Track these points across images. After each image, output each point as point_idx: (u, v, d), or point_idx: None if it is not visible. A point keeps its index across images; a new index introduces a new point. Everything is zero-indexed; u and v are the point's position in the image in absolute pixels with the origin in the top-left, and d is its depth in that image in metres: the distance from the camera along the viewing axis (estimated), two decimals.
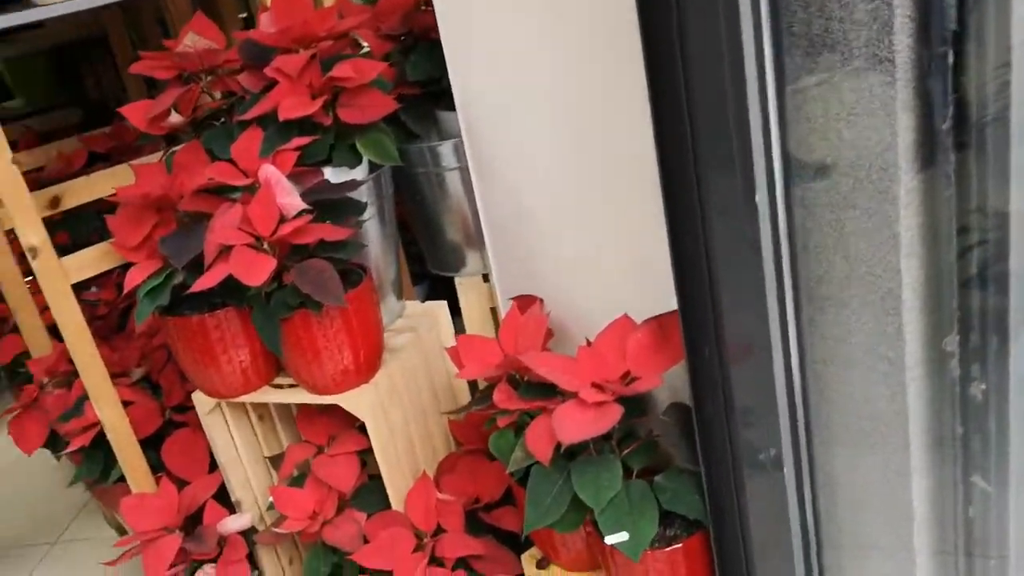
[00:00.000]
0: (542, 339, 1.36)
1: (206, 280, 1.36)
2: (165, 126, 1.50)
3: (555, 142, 1.39)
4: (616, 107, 1.25)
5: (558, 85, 1.33)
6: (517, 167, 1.49)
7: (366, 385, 1.55)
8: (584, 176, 1.37)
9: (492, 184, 1.56)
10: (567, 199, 1.43)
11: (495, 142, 1.50)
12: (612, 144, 1.29)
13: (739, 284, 1.01)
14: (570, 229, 1.45)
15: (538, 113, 1.40)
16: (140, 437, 1.78)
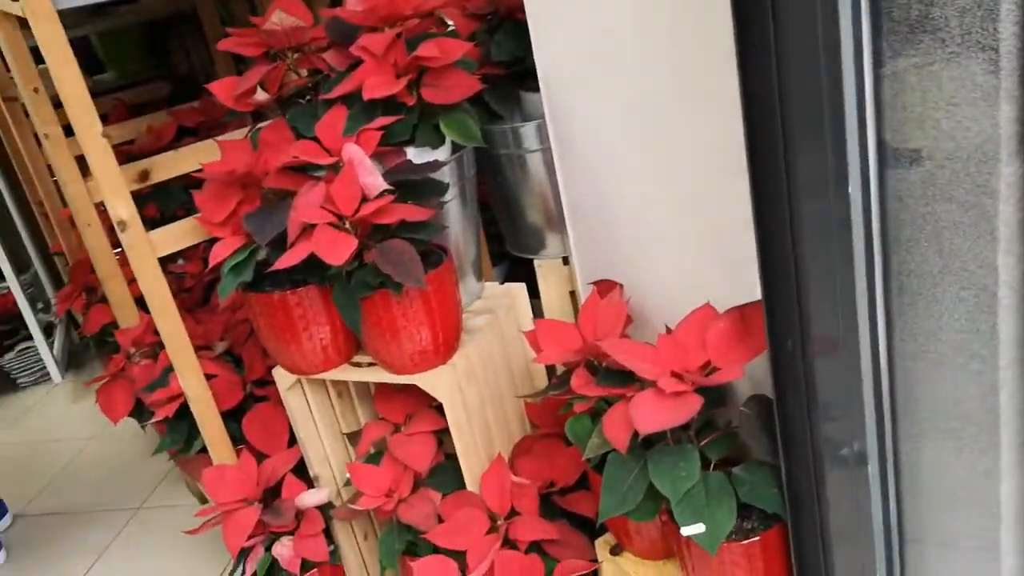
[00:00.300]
0: (621, 326, 1.34)
1: (289, 258, 1.37)
2: (251, 103, 1.51)
3: (640, 126, 1.36)
4: (705, 89, 1.22)
5: (645, 66, 1.30)
6: (600, 150, 1.47)
7: (444, 366, 1.55)
8: (669, 161, 1.34)
9: (574, 166, 1.54)
10: (650, 184, 1.40)
11: (578, 123, 1.48)
12: (699, 128, 1.26)
13: (828, 275, 0.98)
14: (652, 215, 1.43)
15: (623, 95, 1.37)
16: (222, 410, 1.82)
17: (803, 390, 1.06)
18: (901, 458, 1.02)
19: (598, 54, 1.38)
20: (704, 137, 1.25)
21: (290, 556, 1.72)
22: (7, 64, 2.60)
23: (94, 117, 1.53)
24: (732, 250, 1.29)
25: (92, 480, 2.65)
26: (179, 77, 3.29)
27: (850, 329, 0.94)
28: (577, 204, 1.58)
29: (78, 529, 2.42)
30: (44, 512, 2.54)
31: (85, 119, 1.52)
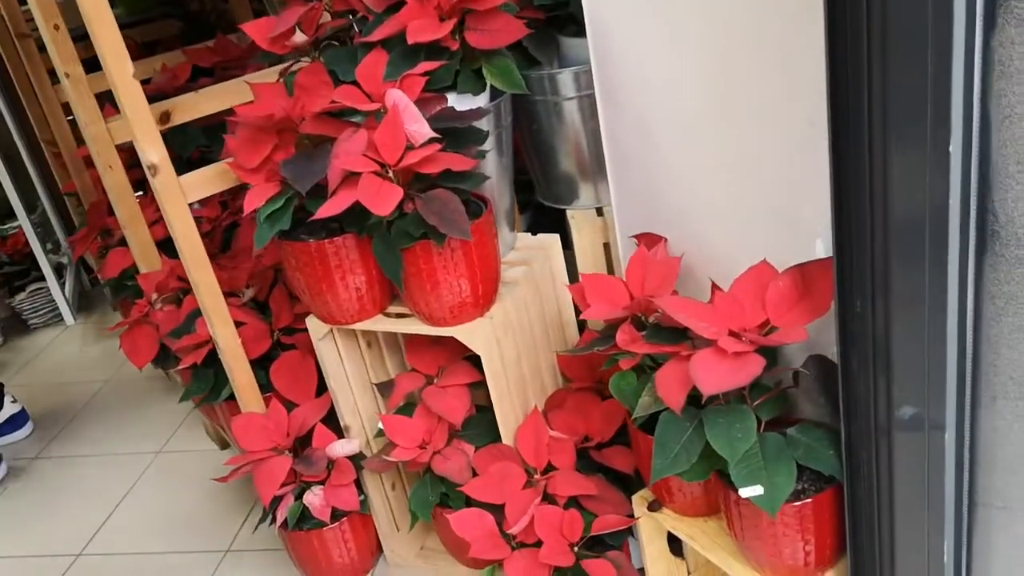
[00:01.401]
0: (673, 282, 1.31)
1: (331, 207, 1.33)
2: (288, 45, 1.46)
3: (694, 74, 1.32)
4: (770, 38, 1.17)
5: (703, 12, 1.25)
6: (648, 98, 1.42)
7: (481, 318, 1.52)
8: (724, 112, 1.30)
9: (619, 115, 1.49)
10: (702, 136, 1.36)
11: (626, 71, 1.43)
12: (763, 78, 1.21)
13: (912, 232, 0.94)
14: (702, 168, 1.39)
15: (678, 42, 1.32)
16: (250, 358, 1.79)
17: (871, 354, 1.04)
18: (979, 425, 0.99)
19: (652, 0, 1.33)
20: (768, 87, 1.21)
21: (321, 505, 1.72)
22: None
23: (126, 58, 1.48)
24: (789, 207, 1.26)
25: (110, 423, 2.63)
26: (190, 14, 3.21)
27: (939, 291, 0.90)
28: (620, 154, 1.53)
29: (98, 472, 2.41)
30: (63, 455, 2.52)
31: (117, 60, 1.47)
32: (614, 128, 1.52)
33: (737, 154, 1.31)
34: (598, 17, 1.44)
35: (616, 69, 1.45)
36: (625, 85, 1.45)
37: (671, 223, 1.49)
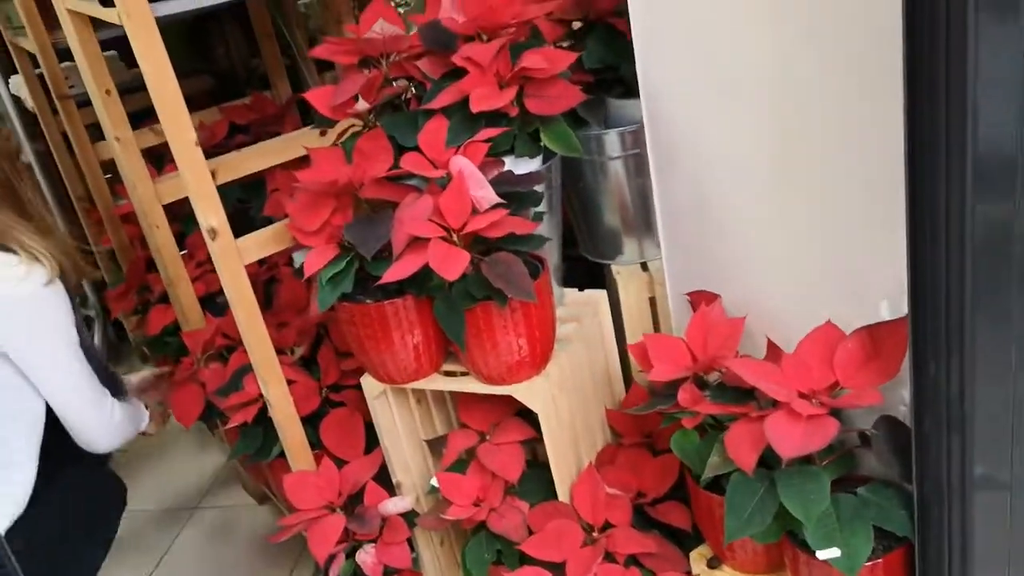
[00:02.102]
0: (737, 343, 1.33)
1: (397, 271, 1.36)
2: (349, 112, 1.49)
3: (751, 132, 1.34)
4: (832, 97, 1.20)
5: (759, 73, 1.28)
6: (702, 157, 1.45)
7: (538, 376, 1.54)
8: (782, 172, 1.33)
9: (672, 174, 1.52)
10: (758, 193, 1.38)
11: (680, 130, 1.46)
12: (822, 138, 1.24)
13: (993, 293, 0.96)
14: (758, 225, 1.41)
15: (733, 102, 1.35)
16: (300, 416, 1.80)
17: (946, 415, 1.06)
18: None
19: (708, 60, 1.36)
20: (829, 147, 1.24)
21: (373, 563, 1.72)
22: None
23: (189, 127, 1.51)
24: (851, 266, 1.29)
25: (144, 479, 2.64)
26: (220, 71, 3.26)
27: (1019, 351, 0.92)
28: (672, 212, 1.56)
29: (136, 528, 2.41)
30: None
31: (180, 128, 1.50)
32: (667, 186, 1.55)
33: (795, 212, 1.34)
34: (651, 79, 1.47)
35: (669, 129, 1.49)
36: (678, 144, 1.48)
37: (724, 280, 1.51)
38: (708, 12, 1.32)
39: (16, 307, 1.64)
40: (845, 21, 1.14)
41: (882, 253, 1.22)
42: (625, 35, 1.63)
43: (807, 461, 1.24)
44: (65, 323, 1.71)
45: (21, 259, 1.64)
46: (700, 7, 1.33)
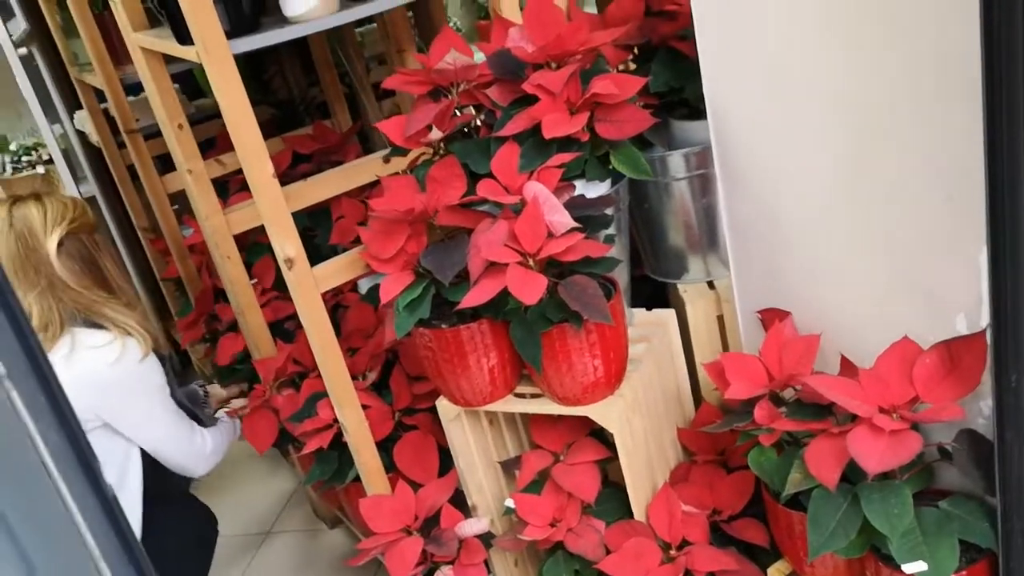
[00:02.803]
0: (812, 360, 1.34)
1: (476, 296, 1.39)
2: (423, 142, 1.53)
3: (821, 151, 1.36)
4: (904, 116, 1.22)
5: (833, 89, 1.30)
6: (771, 175, 1.46)
7: (612, 396, 1.56)
8: (854, 188, 1.34)
9: (741, 192, 1.54)
10: (829, 211, 1.39)
11: (748, 150, 1.48)
12: (894, 156, 1.25)
13: None
14: (829, 242, 1.42)
15: (802, 122, 1.37)
16: (375, 439, 1.84)
17: None
18: None
19: (776, 81, 1.38)
20: (902, 164, 1.25)
21: None
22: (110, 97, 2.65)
23: (266, 160, 1.56)
24: (925, 282, 1.29)
25: (217, 504, 2.68)
26: (280, 101, 3.33)
27: None
28: (741, 231, 1.58)
29: None
30: None
31: (258, 161, 1.55)
32: (736, 206, 1.56)
33: (867, 229, 1.35)
34: (719, 100, 1.49)
35: (737, 148, 1.50)
36: (746, 163, 1.50)
37: (795, 297, 1.52)
38: (776, 32, 1.34)
39: (114, 387, 1.73)
40: (921, 31, 1.15)
41: (957, 267, 1.22)
42: (689, 58, 1.66)
43: (888, 475, 1.24)
44: (159, 388, 1.82)
45: (114, 336, 1.71)
46: (767, 27, 1.36)
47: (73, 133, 3.29)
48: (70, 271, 1.70)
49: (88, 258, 1.75)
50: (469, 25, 3.68)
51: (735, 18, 1.39)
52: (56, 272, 1.68)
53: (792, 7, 1.29)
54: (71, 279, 1.70)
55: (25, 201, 1.71)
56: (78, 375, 1.69)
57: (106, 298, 1.78)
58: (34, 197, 1.73)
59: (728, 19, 1.40)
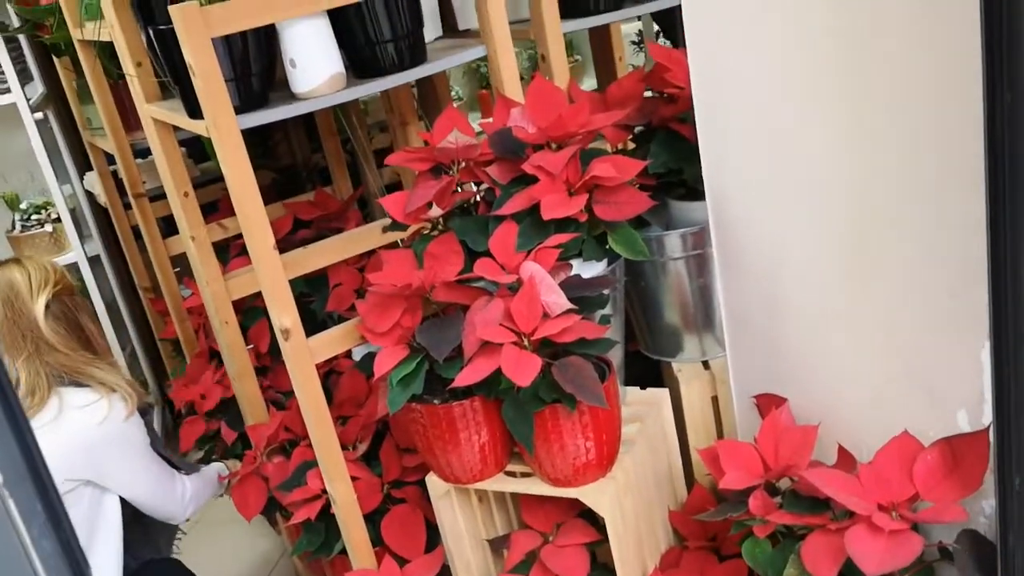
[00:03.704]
0: (810, 452, 1.32)
1: (469, 375, 1.38)
2: (423, 218, 1.54)
3: (821, 234, 1.36)
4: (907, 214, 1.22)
5: (834, 176, 1.30)
6: (770, 257, 1.47)
7: (604, 479, 1.54)
8: (855, 272, 1.33)
9: (738, 275, 1.54)
10: (828, 297, 1.39)
11: (746, 232, 1.49)
12: (895, 249, 1.26)
13: None
14: (828, 329, 1.42)
15: (803, 210, 1.37)
16: (363, 512, 1.81)
17: None
18: None
19: (775, 167, 1.39)
20: (903, 257, 1.25)
21: None
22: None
23: (268, 232, 1.57)
24: (925, 375, 1.28)
25: (201, 568, 2.63)
26: (283, 167, 3.36)
27: None
28: (738, 314, 1.57)
29: None
30: None
31: (260, 232, 1.56)
32: (733, 288, 1.56)
33: (866, 316, 1.34)
34: (717, 183, 1.50)
35: (735, 230, 1.51)
36: (744, 245, 1.50)
37: (792, 383, 1.51)
38: (777, 117, 1.36)
39: (101, 446, 1.75)
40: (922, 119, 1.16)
41: (959, 361, 1.22)
42: (688, 140, 1.68)
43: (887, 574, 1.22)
44: (143, 443, 1.84)
45: (100, 395, 1.72)
46: (769, 113, 1.37)
47: (82, 194, 3.31)
48: (56, 333, 1.71)
49: (72, 319, 1.76)
50: (470, 94, 3.73)
51: (736, 103, 1.40)
52: (44, 335, 1.69)
53: (794, 93, 1.31)
54: (58, 341, 1.71)
55: (7, 266, 1.73)
56: (67, 436, 1.69)
57: (91, 358, 1.79)
58: (15, 261, 1.75)
59: (729, 104, 1.42)
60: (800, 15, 1.25)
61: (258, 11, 1.51)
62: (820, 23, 1.23)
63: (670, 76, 1.62)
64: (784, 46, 1.29)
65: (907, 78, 1.16)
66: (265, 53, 1.63)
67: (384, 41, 1.68)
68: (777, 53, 1.31)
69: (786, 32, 1.28)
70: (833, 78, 1.24)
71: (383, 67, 1.70)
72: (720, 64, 1.40)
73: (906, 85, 1.16)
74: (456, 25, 2.07)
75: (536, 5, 1.82)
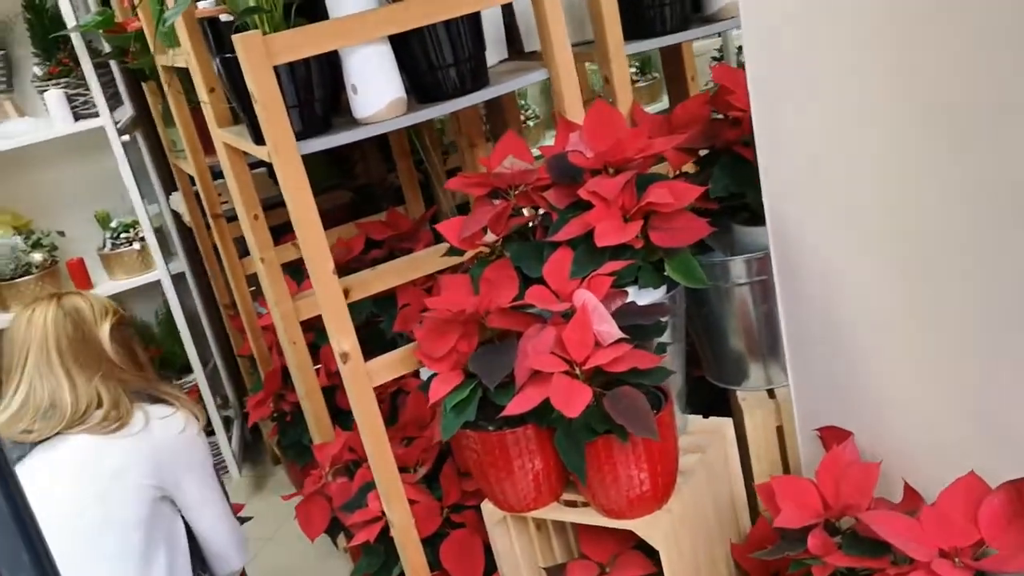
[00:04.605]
0: (871, 491, 1.27)
1: (519, 404, 1.37)
2: (478, 243, 1.53)
3: (885, 262, 1.31)
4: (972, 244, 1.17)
5: (900, 206, 1.25)
6: (833, 286, 1.42)
7: (660, 511, 1.50)
8: (920, 302, 1.28)
9: (801, 303, 1.49)
10: (893, 328, 1.34)
11: (809, 259, 1.44)
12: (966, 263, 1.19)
13: None
14: (893, 361, 1.36)
15: (868, 237, 1.33)
16: (421, 536, 1.81)
17: None
18: None
19: (837, 190, 1.34)
20: (972, 290, 1.19)
21: None
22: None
23: (328, 257, 1.58)
24: (992, 412, 1.22)
25: None
26: (359, 186, 3.41)
27: None
28: (801, 342, 1.52)
29: None
30: None
31: (320, 259, 1.58)
32: (795, 317, 1.52)
33: (933, 348, 1.28)
34: (778, 208, 1.46)
35: (797, 258, 1.46)
36: (807, 273, 1.46)
37: (856, 416, 1.46)
38: (837, 140, 1.31)
39: (184, 454, 1.80)
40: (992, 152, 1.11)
41: None
42: (752, 163, 1.64)
43: None
44: (211, 463, 1.88)
45: (175, 408, 1.78)
46: (828, 135, 1.33)
47: (168, 213, 3.42)
48: (118, 355, 1.77)
49: (129, 347, 1.83)
50: (547, 113, 3.73)
51: (796, 126, 1.36)
52: (110, 357, 1.75)
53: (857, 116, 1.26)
54: (122, 363, 1.77)
55: (68, 296, 1.82)
56: (156, 441, 1.75)
57: (157, 379, 1.86)
58: (76, 294, 1.84)
59: (790, 127, 1.38)
60: (863, 35, 1.21)
61: (319, 39, 1.53)
62: (884, 44, 1.19)
63: (733, 98, 1.59)
64: (846, 68, 1.25)
65: (978, 102, 1.11)
66: (328, 79, 1.65)
67: (446, 65, 1.69)
68: (839, 75, 1.27)
69: (849, 54, 1.24)
70: (900, 102, 1.19)
71: (445, 91, 1.71)
72: (780, 86, 1.36)
73: (977, 109, 1.11)
74: (522, 47, 2.06)
75: (599, 27, 1.80)
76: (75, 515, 1.62)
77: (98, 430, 1.67)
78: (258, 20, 1.55)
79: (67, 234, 3.37)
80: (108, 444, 1.67)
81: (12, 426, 1.67)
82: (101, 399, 1.72)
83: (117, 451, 1.67)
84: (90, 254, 3.30)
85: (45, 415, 1.66)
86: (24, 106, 3.23)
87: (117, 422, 1.70)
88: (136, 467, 1.68)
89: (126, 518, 1.66)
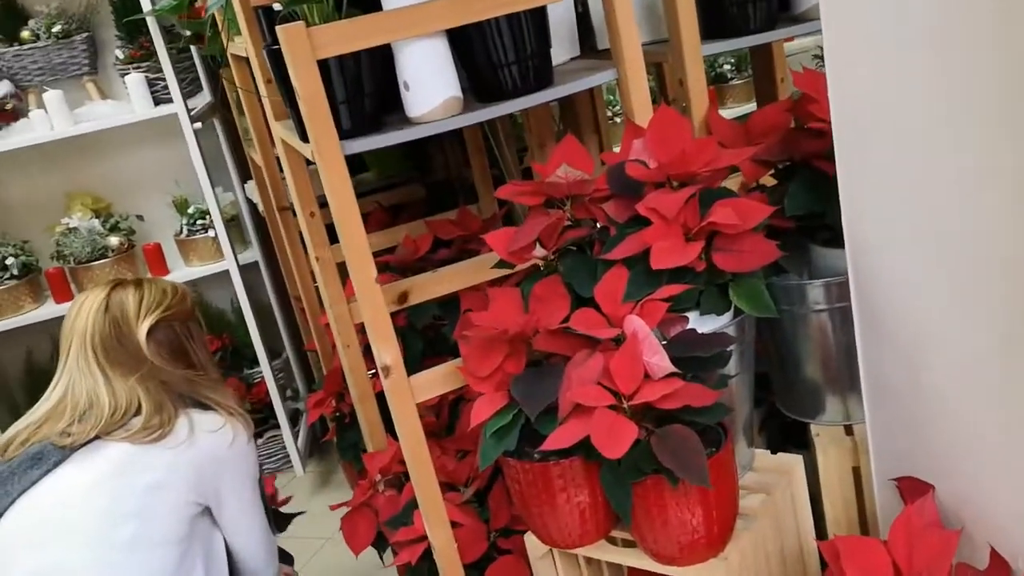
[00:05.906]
0: (949, 561, 1.12)
1: (559, 439, 1.26)
2: (528, 257, 1.43)
3: (975, 314, 1.16)
4: None
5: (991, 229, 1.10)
6: (915, 322, 1.26)
7: (715, 560, 1.38)
8: (1015, 349, 1.12)
9: (881, 338, 1.34)
10: (983, 373, 1.18)
11: (891, 291, 1.29)
12: None
13: None
14: (981, 411, 1.21)
15: (956, 275, 1.17)
16: (465, 561, 1.72)
17: None
18: None
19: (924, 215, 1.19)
20: None
21: None
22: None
23: (370, 263, 1.50)
24: None
25: None
26: (433, 181, 3.33)
27: None
28: (879, 381, 1.37)
29: None
30: None
31: (362, 264, 1.50)
32: (873, 352, 1.37)
33: None
34: (859, 232, 1.31)
35: (878, 288, 1.32)
36: (888, 305, 1.31)
37: (938, 467, 1.30)
38: (925, 162, 1.16)
39: (230, 465, 1.71)
40: None
41: None
42: (833, 180, 1.48)
43: None
44: (255, 475, 1.80)
45: (224, 418, 1.70)
46: (915, 155, 1.17)
47: (243, 201, 3.41)
48: (159, 356, 1.69)
49: (178, 347, 1.74)
50: None
51: (881, 143, 1.21)
52: (147, 357, 1.67)
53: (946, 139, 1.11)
54: (162, 364, 1.69)
55: (125, 286, 1.73)
56: (199, 457, 1.66)
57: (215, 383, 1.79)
58: (135, 283, 1.74)
59: (873, 144, 1.23)
60: (959, 46, 1.06)
61: (367, 33, 1.45)
62: (981, 57, 1.03)
63: (815, 108, 1.44)
64: (939, 83, 1.10)
65: None
66: (380, 74, 1.56)
67: (507, 63, 1.59)
68: (930, 89, 1.11)
69: (942, 66, 1.09)
70: (996, 127, 1.03)
71: (505, 90, 1.61)
72: (865, 98, 1.21)
73: None
74: (596, 44, 1.94)
75: (674, 25, 1.67)
76: (110, 527, 1.56)
77: (138, 438, 1.60)
78: (307, 10, 1.47)
79: (146, 219, 3.39)
80: (149, 455, 1.60)
81: (53, 425, 1.63)
82: (140, 403, 1.65)
83: (158, 464, 1.60)
84: (167, 239, 3.31)
85: (83, 416, 1.61)
86: (108, 89, 3.25)
87: (159, 430, 1.62)
88: (177, 484, 1.60)
89: (164, 535, 1.59)
